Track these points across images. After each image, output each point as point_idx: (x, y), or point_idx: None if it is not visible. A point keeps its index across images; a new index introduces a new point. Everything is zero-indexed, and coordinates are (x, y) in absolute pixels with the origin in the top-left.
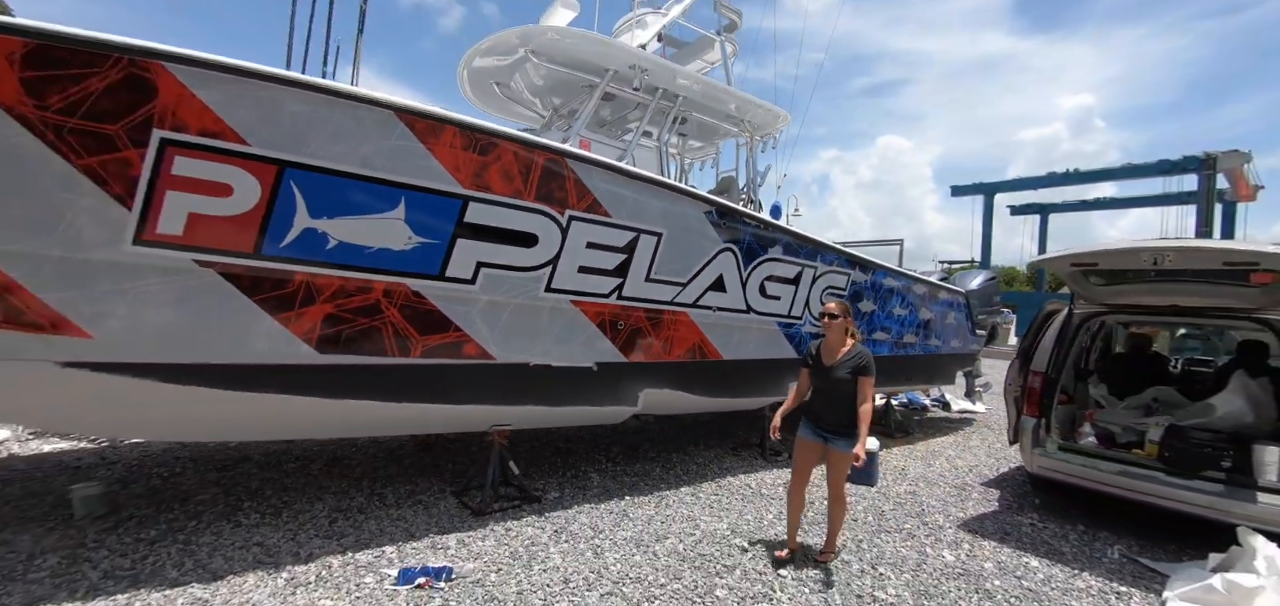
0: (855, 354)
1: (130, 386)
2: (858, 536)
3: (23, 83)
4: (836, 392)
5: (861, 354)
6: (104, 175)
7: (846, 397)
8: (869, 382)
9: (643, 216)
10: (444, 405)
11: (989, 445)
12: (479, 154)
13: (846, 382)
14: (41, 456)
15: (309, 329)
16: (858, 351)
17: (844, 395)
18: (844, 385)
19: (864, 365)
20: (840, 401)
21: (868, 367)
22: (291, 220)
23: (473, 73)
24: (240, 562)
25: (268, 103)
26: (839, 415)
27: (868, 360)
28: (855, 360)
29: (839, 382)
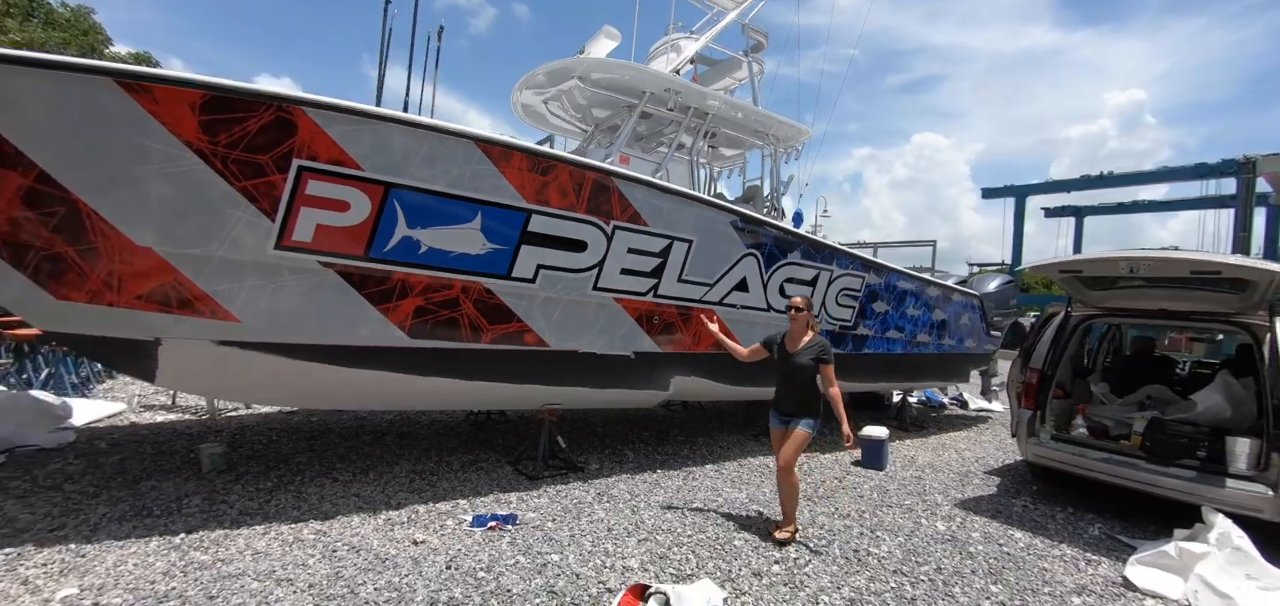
0: (816, 343)
1: (267, 361)
2: (861, 509)
3: (200, 124)
4: (798, 378)
5: (821, 343)
6: (256, 194)
7: (806, 382)
8: (830, 368)
9: (676, 225)
10: (507, 384)
11: (1000, 440)
12: (540, 174)
13: (808, 368)
14: (156, 424)
15: (403, 318)
16: (818, 340)
17: (805, 380)
18: (805, 371)
19: (824, 352)
20: (801, 385)
21: (827, 354)
22: (393, 230)
23: (525, 89)
24: (344, 507)
25: (379, 136)
26: (799, 398)
27: (827, 348)
28: (816, 349)
29: (801, 368)
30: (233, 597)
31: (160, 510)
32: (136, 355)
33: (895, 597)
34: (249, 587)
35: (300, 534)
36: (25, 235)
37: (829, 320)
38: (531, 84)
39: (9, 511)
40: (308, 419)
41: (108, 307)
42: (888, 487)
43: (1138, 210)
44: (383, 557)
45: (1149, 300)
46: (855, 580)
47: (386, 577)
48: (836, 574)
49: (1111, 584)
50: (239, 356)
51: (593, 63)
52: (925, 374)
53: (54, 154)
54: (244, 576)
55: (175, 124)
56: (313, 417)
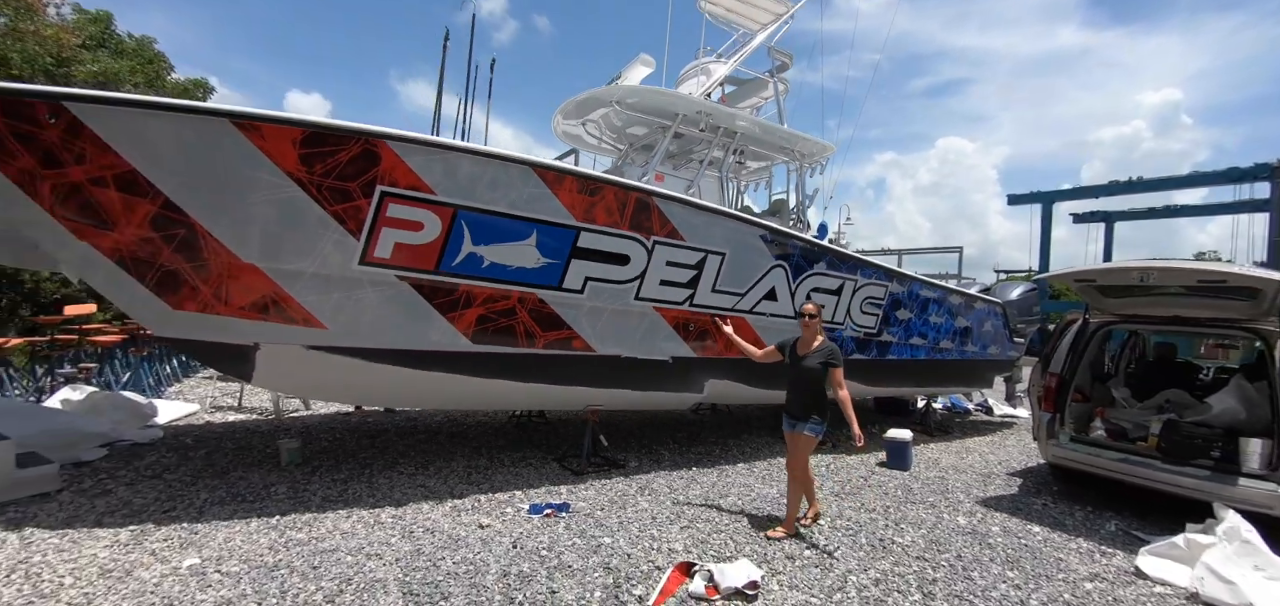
0: (825, 348)
1: (348, 364)
2: (887, 505)
3: (299, 157)
4: (806, 380)
5: (831, 347)
6: (344, 217)
7: (814, 385)
8: (838, 372)
9: (710, 240)
10: (557, 385)
11: (1023, 444)
12: (589, 196)
13: (816, 371)
14: (228, 423)
15: (467, 325)
16: (828, 345)
17: (812, 383)
18: (814, 374)
19: (832, 356)
20: (809, 388)
21: (836, 358)
22: (460, 247)
23: (566, 116)
24: (413, 496)
25: (449, 164)
26: (806, 402)
27: (836, 352)
28: (825, 353)
29: (809, 371)
30: (332, 569)
31: (252, 496)
32: (237, 358)
33: (917, 579)
34: (344, 560)
35: (379, 517)
36: (150, 253)
37: (854, 327)
38: (572, 111)
39: (123, 495)
40: (365, 419)
41: (216, 316)
42: (912, 486)
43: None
44: (455, 538)
45: (1162, 307)
46: (881, 564)
47: (461, 554)
48: (863, 558)
49: (1123, 572)
50: (325, 359)
51: (629, 89)
52: (948, 379)
53: (178, 183)
54: (338, 552)
55: (279, 157)
56: (369, 418)
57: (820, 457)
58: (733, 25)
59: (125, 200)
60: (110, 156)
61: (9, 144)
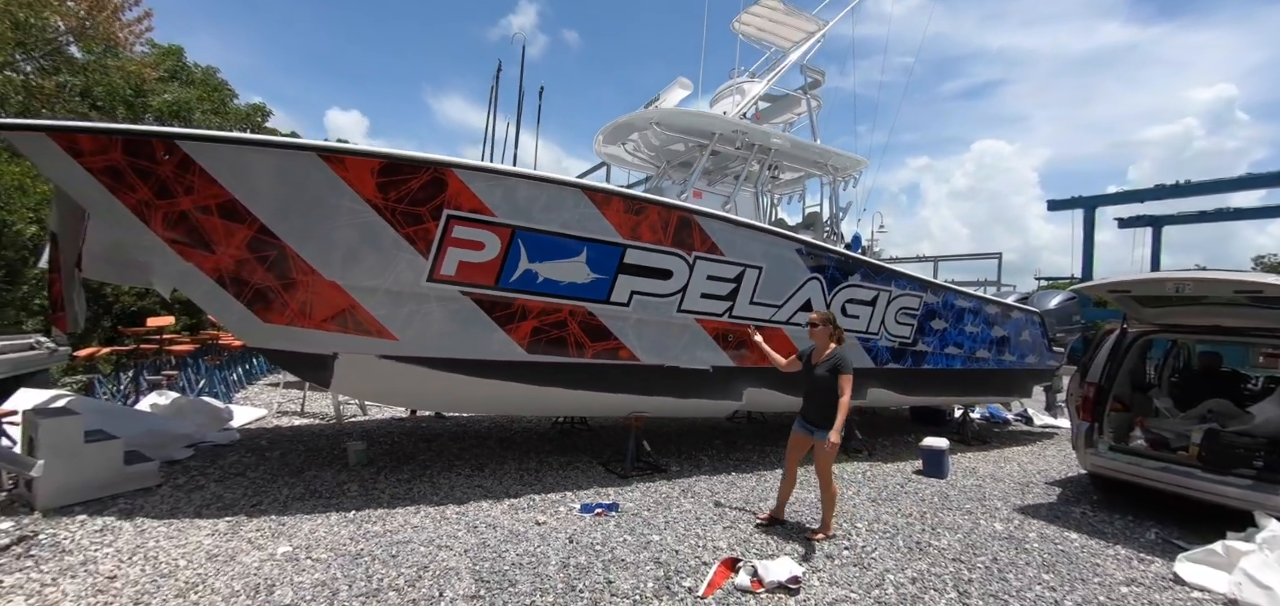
0: (835, 355)
1: (417, 372)
2: (923, 510)
3: (377, 185)
4: (819, 388)
5: (839, 355)
6: (415, 238)
7: (827, 392)
8: (846, 379)
9: (748, 254)
10: (604, 393)
11: (1063, 454)
12: (635, 215)
13: (827, 379)
14: (295, 427)
15: (523, 337)
16: (837, 352)
17: (825, 390)
18: (825, 381)
19: (840, 364)
20: (823, 396)
21: (844, 366)
22: (517, 264)
23: (607, 136)
24: (473, 495)
25: (508, 188)
26: (821, 409)
27: (844, 360)
28: (834, 360)
29: (821, 379)
30: (409, 557)
31: (327, 493)
32: (318, 366)
33: (953, 580)
34: (418, 551)
35: (444, 513)
36: (245, 273)
37: (888, 337)
38: (612, 134)
39: (215, 491)
40: (418, 423)
41: (301, 329)
42: (948, 493)
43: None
44: (515, 533)
45: (1202, 317)
46: (917, 564)
47: (523, 547)
48: (900, 559)
49: (1161, 578)
50: (396, 368)
51: (668, 112)
52: (986, 389)
53: (272, 210)
54: (412, 543)
55: (359, 185)
56: (422, 423)
57: (857, 465)
58: (764, 44)
59: (226, 226)
60: (215, 188)
61: (130, 178)
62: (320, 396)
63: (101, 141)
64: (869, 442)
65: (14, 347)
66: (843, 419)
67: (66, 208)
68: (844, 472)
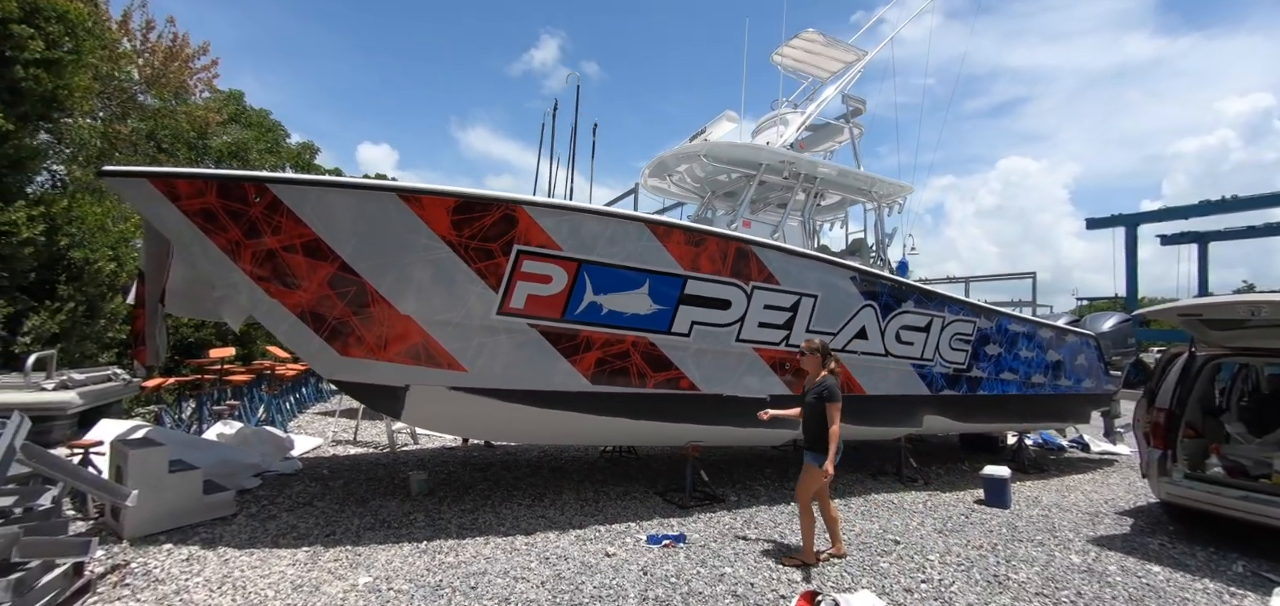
0: (823, 383)
1: (485, 403)
2: (993, 542)
3: (452, 222)
4: (809, 415)
5: (826, 383)
6: (486, 273)
7: (815, 419)
8: (833, 407)
9: (804, 283)
10: (665, 423)
11: (1128, 482)
12: (695, 246)
13: (814, 406)
14: (351, 455)
15: (587, 367)
16: (825, 380)
17: (814, 417)
18: (813, 408)
19: (828, 392)
20: (812, 422)
21: (830, 394)
22: (583, 297)
23: (654, 168)
24: (538, 525)
25: (575, 223)
26: (810, 434)
27: (831, 388)
28: (820, 388)
29: (810, 406)
30: (488, 589)
31: (395, 522)
32: (390, 398)
33: None
34: (496, 582)
35: (514, 544)
36: (326, 308)
37: (943, 363)
38: (658, 168)
39: (288, 520)
40: (471, 453)
41: (376, 361)
42: (1016, 524)
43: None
44: (587, 564)
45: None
46: (1000, 599)
47: (598, 580)
48: (981, 593)
49: None
50: (465, 399)
51: (716, 145)
52: (1042, 414)
53: (352, 248)
54: (488, 574)
55: (435, 223)
56: (474, 452)
57: (915, 495)
58: (802, 75)
59: (310, 263)
60: (301, 227)
61: (222, 219)
62: (373, 425)
63: (197, 185)
64: (923, 471)
65: (97, 379)
66: (835, 448)
67: (153, 246)
68: (903, 502)
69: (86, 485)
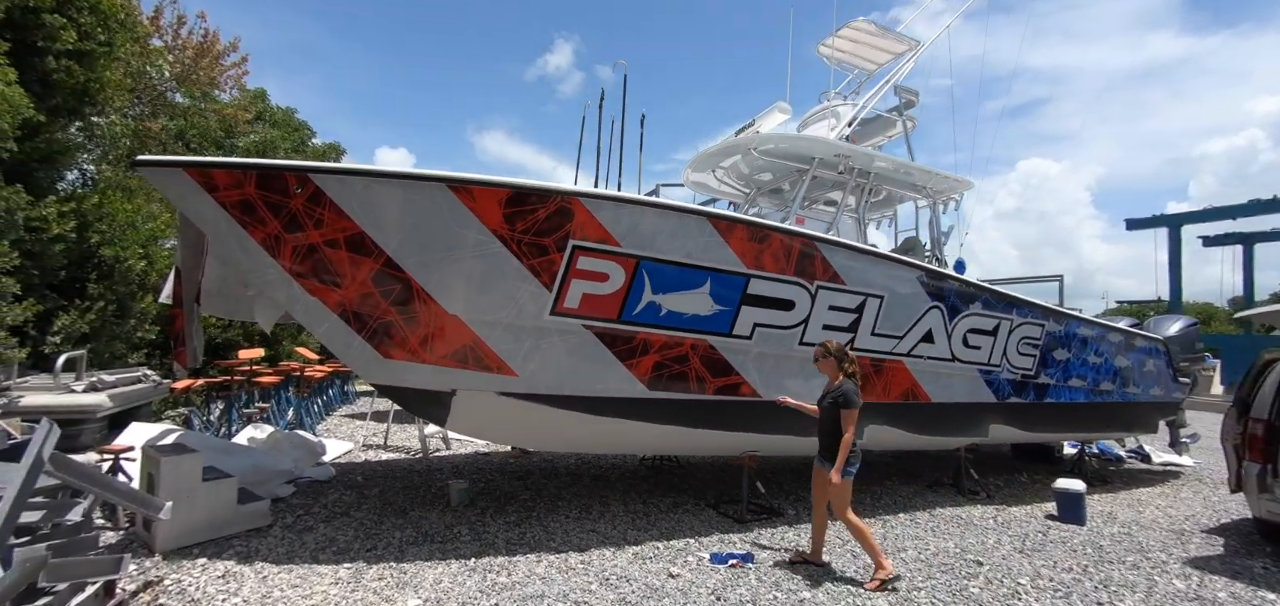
0: (840, 388)
1: (536, 410)
2: (1082, 563)
3: (504, 215)
4: (825, 420)
5: (843, 388)
6: (539, 270)
7: (830, 426)
8: (849, 414)
9: (869, 283)
10: (724, 431)
11: (1203, 497)
12: (758, 243)
13: (830, 410)
14: (383, 461)
15: (644, 372)
16: (841, 385)
17: (828, 423)
18: (829, 413)
19: (844, 397)
20: (827, 429)
21: (846, 400)
22: (641, 296)
23: (699, 162)
24: (590, 541)
25: (635, 217)
26: (826, 441)
27: (847, 393)
28: (838, 393)
29: (825, 411)
30: None
31: (439, 536)
32: (434, 403)
33: None
34: None
35: (568, 562)
36: (369, 307)
37: (1011, 369)
38: (702, 162)
39: (326, 532)
40: (506, 460)
41: (421, 364)
42: (1099, 544)
43: None
44: (651, 587)
45: None
46: None
47: (666, 604)
48: None
49: None
50: (514, 405)
51: (767, 136)
52: (1109, 424)
53: (398, 243)
54: (545, 597)
55: (486, 216)
56: (509, 460)
57: (982, 509)
58: (849, 67)
59: (353, 259)
60: (344, 221)
61: (262, 211)
62: (402, 429)
63: (236, 176)
64: (988, 483)
65: (127, 381)
66: (843, 457)
67: (189, 242)
68: (971, 517)
69: (118, 497)
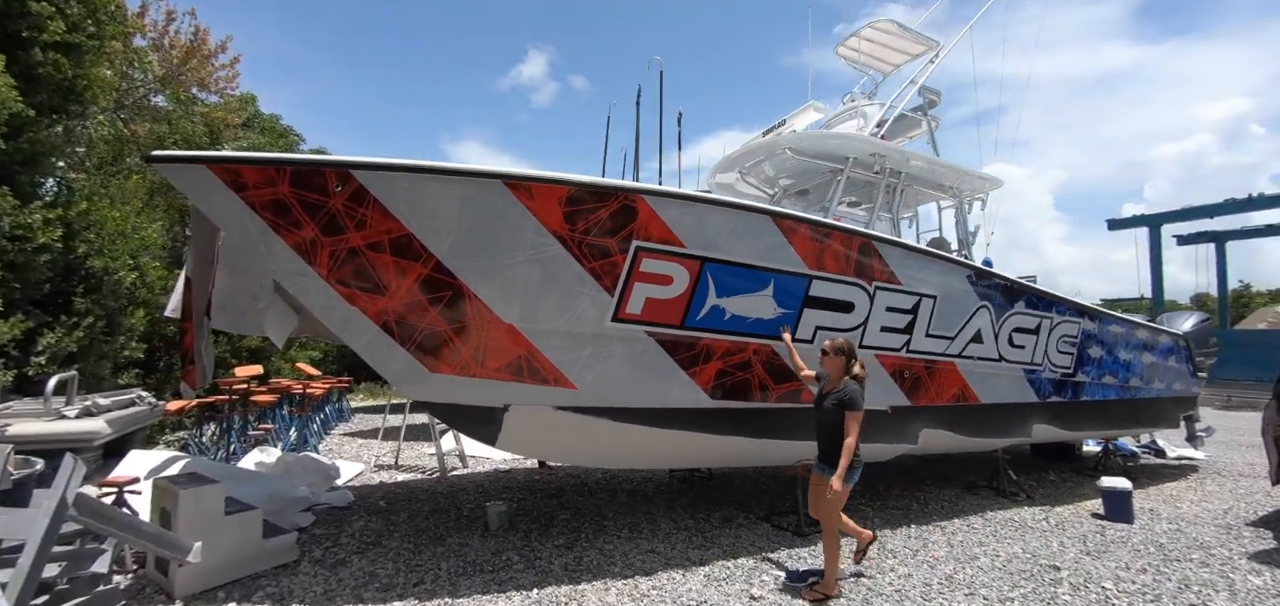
0: (843, 389)
1: (595, 424)
2: (1155, 564)
3: (564, 215)
4: (826, 422)
5: (848, 389)
6: (601, 273)
7: (833, 428)
8: (854, 417)
9: (923, 283)
10: (783, 440)
11: (1229, 489)
12: (820, 243)
13: (832, 412)
14: (400, 483)
15: (707, 380)
16: (846, 386)
17: (831, 425)
18: (831, 415)
19: (848, 399)
20: (828, 431)
21: (851, 402)
22: (706, 300)
23: (727, 163)
24: (653, 563)
25: (699, 216)
26: (827, 445)
27: (854, 396)
28: (841, 394)
29: (828, 413)
30: None
31: (488, 565)
32: (484, 420)
33: None
34: None
35: (639, 588)
36: (415, 316)
37: (1051, 368)
38: (729, 163)
39: (362, 566)
40: (531, 476)
41: (471, 379)
42: (1158, 542)
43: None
44: None
45: None
46: None
47: None
48: None
49: None
50: (572, 420)
51: (802, 135)
52: (1137, 420)
53: (449, 246)
54: None
55: (545, 216)
56: (535, 475)
57: (1026, 511)
58: (865, 68)
59: (399, 264)
60: (390, 222)
61: (297, 213)
62: (413, 446)
63: (267, 173)
64: (1029, 484)
65: (122, 403)
66: (846, 463)
67: (202, 249)
68: (1024, 519)
69: (147, 541)
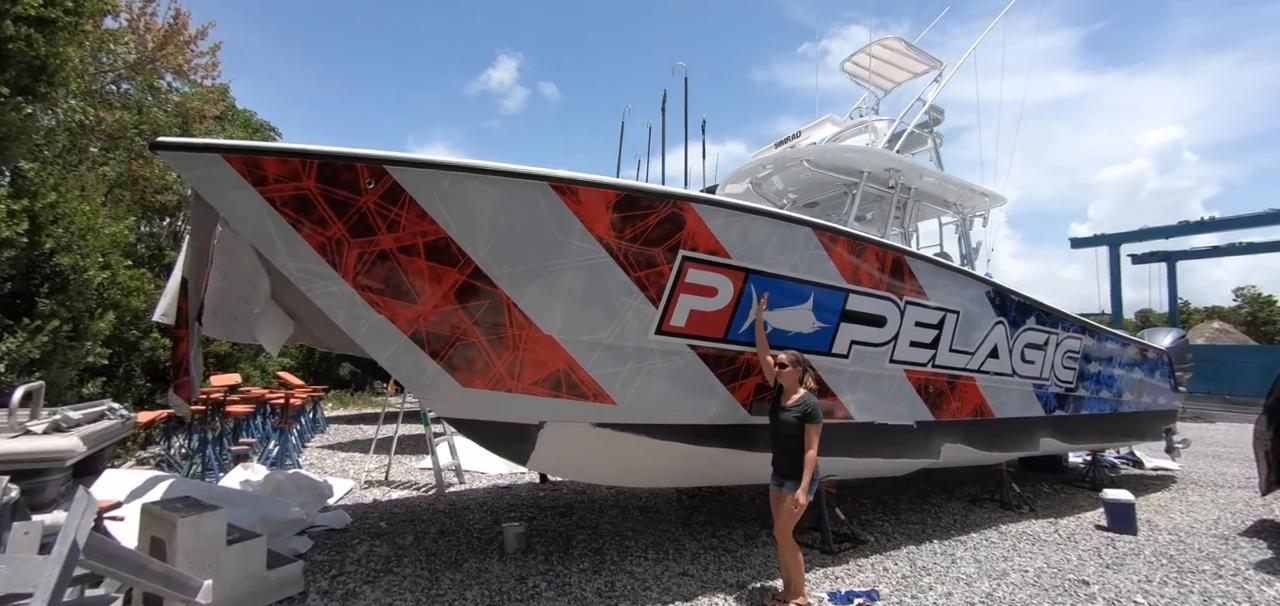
0: (803, 401)
1: (634, 442)
2: (1175, 577)
3: (611, 221)
4: (785, 434)
5: (809, 401)
6: (646, 283)
7: (793, 441)
8: (814, 430)
9: (949, 298)
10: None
11: (1212, 500)
12: (856, 256)
13: (793, 425)
14: (395, 500)
15: (746, 395)
16: (806, 398)
17: (791, 439)
18: (790, 428)
19: (810, 412)
20: (789, 445)
21: (813, 415)
22: (748, 312)
23: (737, 176)
24: (689, 587)
25: (745, 226)
26: (788, 459)
27: (814, 408)
28: (802, 407)
29: (787, 425)
30: None
31: (514, 593)
32: (516, 438)
33: None
34: None
35: None
36: (448, 327)
37: (1057, 383)
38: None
39: (375, 598)
40: (534, 492)
41: (505, 394)
42: (1167, 553)
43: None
44: None
45: None
46: None
47: None
48: None
49: None
50: (611, 437)
51: (818, 148)
52: (1126, 433)
53: (489, 251)
54: None
55: (591, 221)
56: (538, 490)
57: (1040, 523)
58: (866, 84)
59: (434, 269)
60: (426, 223)
61: (323, 211)
62: (402, 460)
63: (291, 166)
64: (1030, 495)
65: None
66: (809, 476)
67: (200, 249)
68: (1036, 533)
69: (154, 582)
